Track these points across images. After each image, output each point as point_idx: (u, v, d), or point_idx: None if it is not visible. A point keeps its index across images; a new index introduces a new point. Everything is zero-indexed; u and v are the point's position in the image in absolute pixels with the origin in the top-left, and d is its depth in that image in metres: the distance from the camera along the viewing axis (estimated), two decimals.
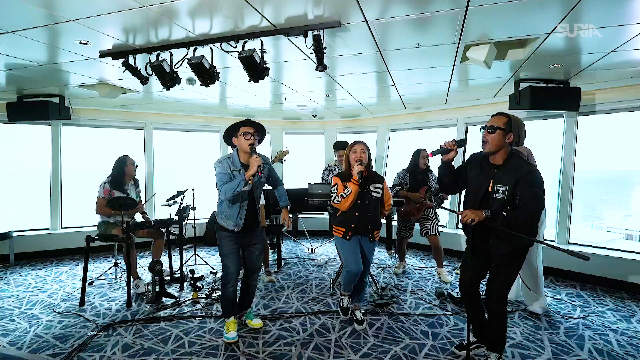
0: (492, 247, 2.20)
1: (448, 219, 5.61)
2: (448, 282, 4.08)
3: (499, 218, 2.06)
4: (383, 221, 5.22)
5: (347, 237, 2.83)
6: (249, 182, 2.59)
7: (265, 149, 6.78)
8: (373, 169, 2.94)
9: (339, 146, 4.36)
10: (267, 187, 3.33)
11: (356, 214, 2.80)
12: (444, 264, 4.37)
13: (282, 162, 4.15)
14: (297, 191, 4.99)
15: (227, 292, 2.79)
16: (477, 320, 2.46)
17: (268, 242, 5.71)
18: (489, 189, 2.16)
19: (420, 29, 2.49)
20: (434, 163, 4.58)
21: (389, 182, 4.66)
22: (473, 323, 2.47)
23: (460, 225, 4.88)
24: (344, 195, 2.76)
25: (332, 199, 2.86)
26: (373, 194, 2.82)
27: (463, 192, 2.57)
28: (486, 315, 2.38)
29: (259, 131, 2.73)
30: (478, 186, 2.23)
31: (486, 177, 2.19)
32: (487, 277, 2.34)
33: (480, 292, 2.44)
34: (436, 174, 4.09)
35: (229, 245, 2.74)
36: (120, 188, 3.82)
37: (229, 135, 2.74)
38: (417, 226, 4.36)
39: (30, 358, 2.52)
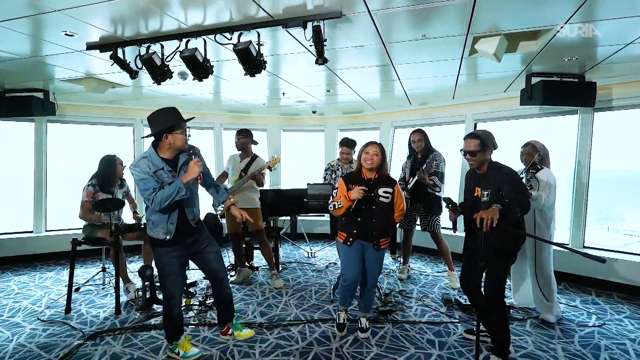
0: (481, 245, 2.38)
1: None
2: (456, 288, 4.09)
3: (509, 207, 2.33)
4: None
5: (348, 243, 2.79)
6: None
7: (263, 148, 6.79)
8: (388, 171, 2.90)
9: (344, 143, 4.36)
10: (266, 187, 3.29)
11: (359, 219, 2.76)
12: (455, 268, 4.36)
13: (271, 170, 4.13)
14: (296, 192, 5.00)
15: (174, 316, 2.58)
16: (481, 312, 2.68)
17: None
18: (476, 194, 2.59)
19: (426, 19, 2.49)
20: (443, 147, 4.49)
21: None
22: (478, 314, 2.71)
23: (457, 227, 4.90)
24: (336, 206, 2.78)
25: (329, 202, 2.86)
26: (381, 198, 2.76)
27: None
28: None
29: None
30: (468, 190, 2.70)
31: (473, 183, 2.65)
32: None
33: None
34: (438, 155, 4.13)
35: (167, 264, 2.49)
36: (107, 190, 3.83)
37: (161, 131, 2.41)
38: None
39: None
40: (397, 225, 4.43)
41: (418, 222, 4.36)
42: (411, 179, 4.22)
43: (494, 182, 2.49)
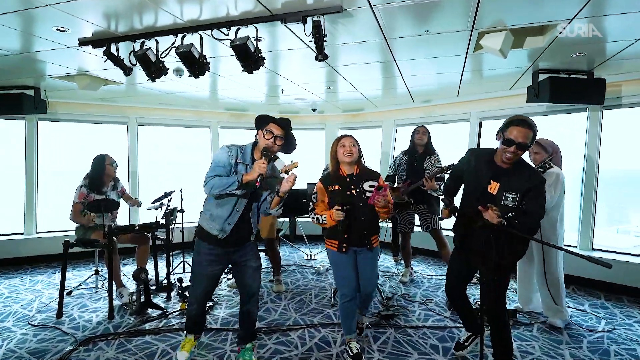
0: (489, 256, 2.19)
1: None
2: None
3: (512, 226, 2.15)
4: (389, 225, 5.23)
5: (343, 249, 2.62)
6: (245, 186, 2.31)
7: None
8: (364, 164, 2.74)
9: None
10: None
11: (346, 221, 2.54)
12: None
13: (289, 175, 4.09)
14: (295, 192, 5.00)
15: (190, 311, 2.61)
16: (467, 315, 2.73)
17: (263, 247, 5.72)
18: (492, 191, 2.29)
19: (430, 14, 2.49)
20: (443, 150, 4.39)
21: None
22: (465, 319, 2.76)
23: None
24: (320, 220, 2.59)
25: (309, 209, 2.71)
26: (368, 193, 2.59)
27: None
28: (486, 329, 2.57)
29: (287, 139, 2.52)
30: (477, 181, 2.38)
31: (486, 175, 2.33)
32: (481, 289, 2.33)
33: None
34: (439, 158, 4.08)
35: (204, 264, 2.46)
36: (99, 191, 3.84)
37: (259, 124, 2.51)
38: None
39: None
40: (398, 228, 4.43)
41: (417, 222, 4.35)
42: (408, 184, 4.16)
43: (522, 183, 2.21)
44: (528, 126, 2.18)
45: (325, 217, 2.57)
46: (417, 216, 4.30)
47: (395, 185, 4.40)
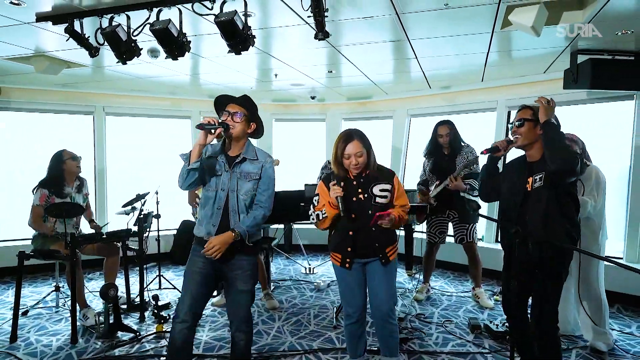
0: (532, 252, 2.37)
1: (485, 231, 5.60)
2: (488, 308, 4.12)
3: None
4: (402, 232, 5.24)
5: (347, 265, 2.61)
6: (196, 161, 2.47)
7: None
8: (376, 163, 2.67)
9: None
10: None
11: (350, 232, 2.57)
12: (482, 286, 4.38)
13: None
14: (291, 194, 5.00)
15: (172, 329, 2.52)
16: (523, 347, 2.65)
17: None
18: (529, 187, 2.45)
19: None
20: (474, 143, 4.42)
21: (414, 179, 4.69)
22: (518, 351, 2.69)
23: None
24: (320, 216, 2.61)
25: (309, 213, 2.72)
26: (378, 199, 2.57)
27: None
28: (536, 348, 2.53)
29: (246, 108, 2.68)
30: (515, 190, 2.53)
31: (524, 177, 2.50)
32: (531, 300, 2.51)
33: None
34: (472, 150, 4.11)
35: (191, 262, 2.56)
36: (60, 192, 3.82)
37: (217, 108, 2.81)
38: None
39: None
40: (427, 238, 4.45)
41: (450, 232, 4.39)
42: (435, 185, 4.19)
43: (545, 162, 2.40)
44: (525, 106, 2.56)
45: (324, 210, 2.58)
46: (450, 225, 4.35)
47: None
